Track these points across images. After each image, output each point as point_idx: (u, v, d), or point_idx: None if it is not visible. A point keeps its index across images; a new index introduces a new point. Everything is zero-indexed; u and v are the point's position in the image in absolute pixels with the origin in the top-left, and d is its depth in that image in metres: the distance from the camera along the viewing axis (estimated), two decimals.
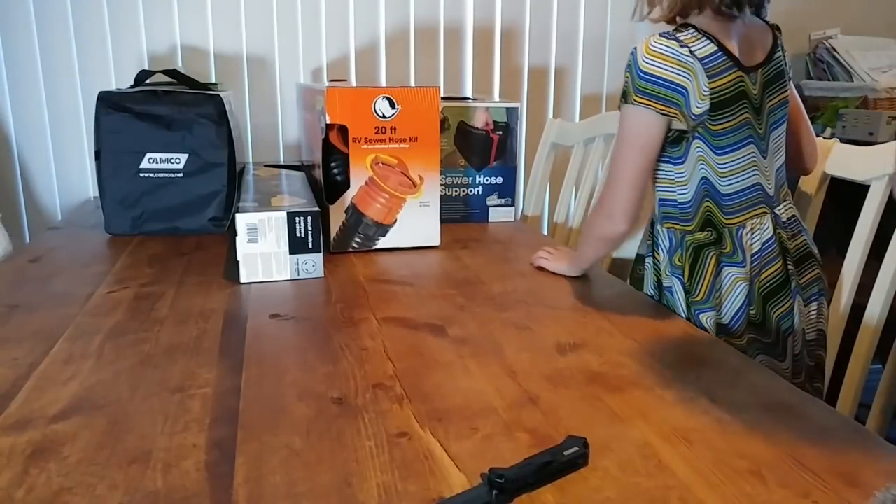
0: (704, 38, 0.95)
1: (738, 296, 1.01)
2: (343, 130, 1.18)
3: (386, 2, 1.89)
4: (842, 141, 1.16)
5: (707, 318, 1.02)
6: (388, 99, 1.17)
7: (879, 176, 1.07)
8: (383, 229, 1.22)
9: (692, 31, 0.96)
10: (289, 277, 1.05)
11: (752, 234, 1.02)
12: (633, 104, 0.96)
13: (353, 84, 1.72)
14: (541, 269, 1.13)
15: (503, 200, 1.51)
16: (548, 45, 2.03)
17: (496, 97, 2.03)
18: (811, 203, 1.18)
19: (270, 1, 1.81)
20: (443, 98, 1.57)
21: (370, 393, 0.69)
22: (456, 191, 1.48)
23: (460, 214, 1.49)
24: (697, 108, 0.96)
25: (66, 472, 0.55)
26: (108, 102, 1.30)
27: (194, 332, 0.84)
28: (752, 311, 1.02)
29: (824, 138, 1.18)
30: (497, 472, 0.52)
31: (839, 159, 1.14)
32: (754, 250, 1.01)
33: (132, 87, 1.42)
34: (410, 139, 1.20)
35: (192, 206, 1.33)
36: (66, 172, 1.78)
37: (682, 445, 0.60)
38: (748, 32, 0.99)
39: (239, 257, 1.03)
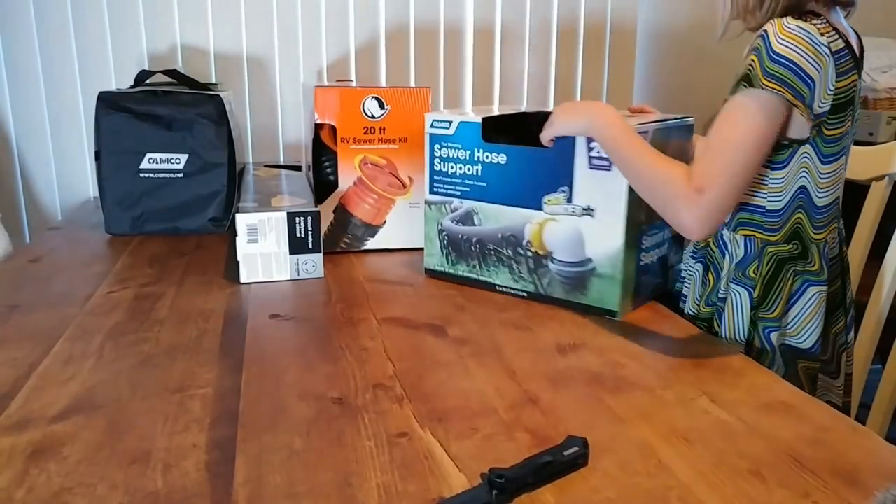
0: (834, 32, 0.85)
1: (819, 318, 0.92)
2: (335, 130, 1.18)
3: (386, 2, 1.89)
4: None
5: (777, 337, 0.93)
6: (377, 99, 1.17)
7: (879, 176, 1.07)
8: (372, 230, 1.22)
9: (824, 20, 0.85)
10: (289, 277, 1.05)
11: (830, 249, 0.94)
12: (761, 88, 0.82)
13: (354, 84, 1.72)
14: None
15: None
16: (548, 44, 2.03)
17: (496, 97, 2.03)
18: None
19: (270, 1, 1.81)
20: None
21: (370, 393, 0.69)
22: (650, 257, 0.98)
23: (650, 290, 1.00)
24: (819, 107, 0.85)
25: (66, 472, 0.55)
26: (108, 102, 1.30)
27: (194, 332, 0.84)
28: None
29: None
30: (497, 472, 0.52)
31: None
32: (828, 270, 0.94)
33: (132, 87, 1.42)
34: (400, 140, 1.19)
35: (192, 206, 1.33)
36: (66, 172, 1.78)
37: (682, 445, 0.60)
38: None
39: (239, 257, 1.03)
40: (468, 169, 1.00)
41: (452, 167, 1.02)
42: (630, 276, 0.92)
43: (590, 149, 0.89)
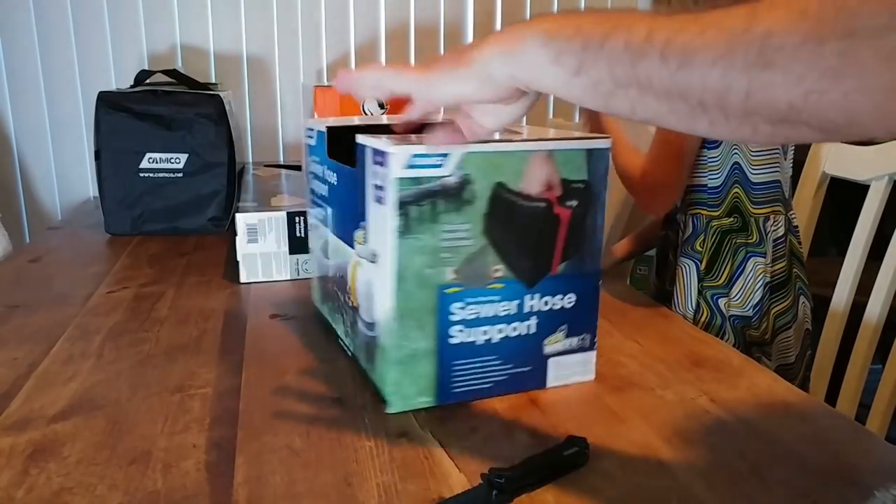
0: None
1: (759, 287, 1.04)
2: None
3: (386, 2, 1.89)
4: (842, 141, 1.16)
5: (724, 304, 1.05)
6: (376, 99, 1.17)
7: (879, 176, 1.07)
8: None
9: None
10: (289, 277, 1.05)
11: (773, 228, 1.05)
12: None
13: None
14: None
15: (575, 341, 0.70)
16: None
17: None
18: (811, 203, 1.18)
19: (270, 1, 1.81)
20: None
21: (370, 393, 0.68)
22: (477, 333, 0.66)
23: (492, 381, 0.67)
24: None
25: (66, 472, 0.55)
26: (108, 102, 1.30)
27: (194, 332, 0.84)
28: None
29: None
30: (497, 472, 0.52)
31: (839, 159, 1.14)
32: (770, 246, 1.05)
33: (132, 87, 1.42)
34: None
35: (192, 206, 1.33)
36: (66, 172, 1.78)
37: (682, 445, 0.60)
38: None
39: (239, 257, 1.03)
40: (320, 187, 0.81)
41: (316, 185, 0.82)
42: (424, 356, 0.64)
43: (371, 174, 0.64)
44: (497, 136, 0.64)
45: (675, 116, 0.42)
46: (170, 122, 1.31)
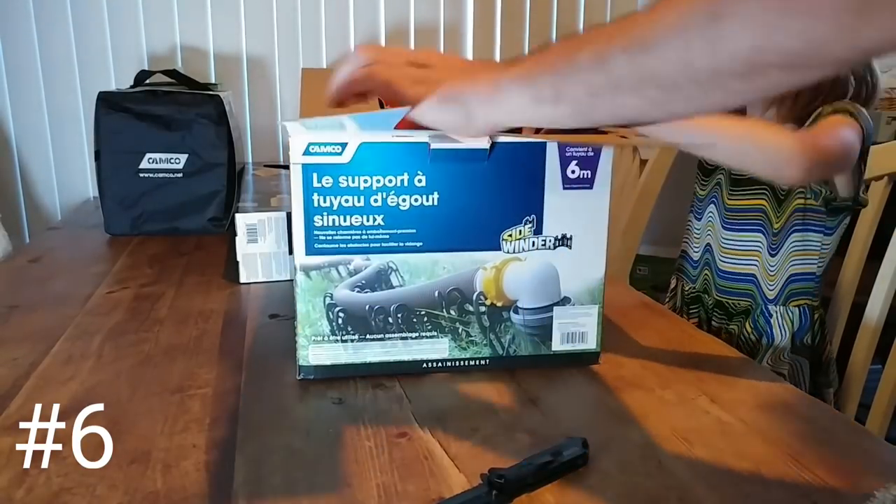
0: None
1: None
2: None
3: (386, 2, 1.89)
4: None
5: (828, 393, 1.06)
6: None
7: (878, 176, 1.07)
8: None
9: None
10: (289, 277, 1.05)
11: None
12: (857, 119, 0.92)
13: None
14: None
15: None
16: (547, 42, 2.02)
17: None
18: None
19: (270, 1, 1.81)
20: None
21: (370, 393, 0.69)
22: None
23: None
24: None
25: (65, 472, 0.55)
26: (108, 102, 1.30)
27: (194, 332, 0.84)
28: None
29: None
30: (497, 472, 0.52)
31: None
32: None
33: (132, 87, 1.42)
34: None
35: (191, 206, 1.33)
36: (66, 172, 1.78)
37: (682, 445, 0.60)
38: None
39: (238, 257, 1.03)
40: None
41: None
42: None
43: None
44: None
45: (654, 105, 0.44)
46: (170, 123, 1.31)
